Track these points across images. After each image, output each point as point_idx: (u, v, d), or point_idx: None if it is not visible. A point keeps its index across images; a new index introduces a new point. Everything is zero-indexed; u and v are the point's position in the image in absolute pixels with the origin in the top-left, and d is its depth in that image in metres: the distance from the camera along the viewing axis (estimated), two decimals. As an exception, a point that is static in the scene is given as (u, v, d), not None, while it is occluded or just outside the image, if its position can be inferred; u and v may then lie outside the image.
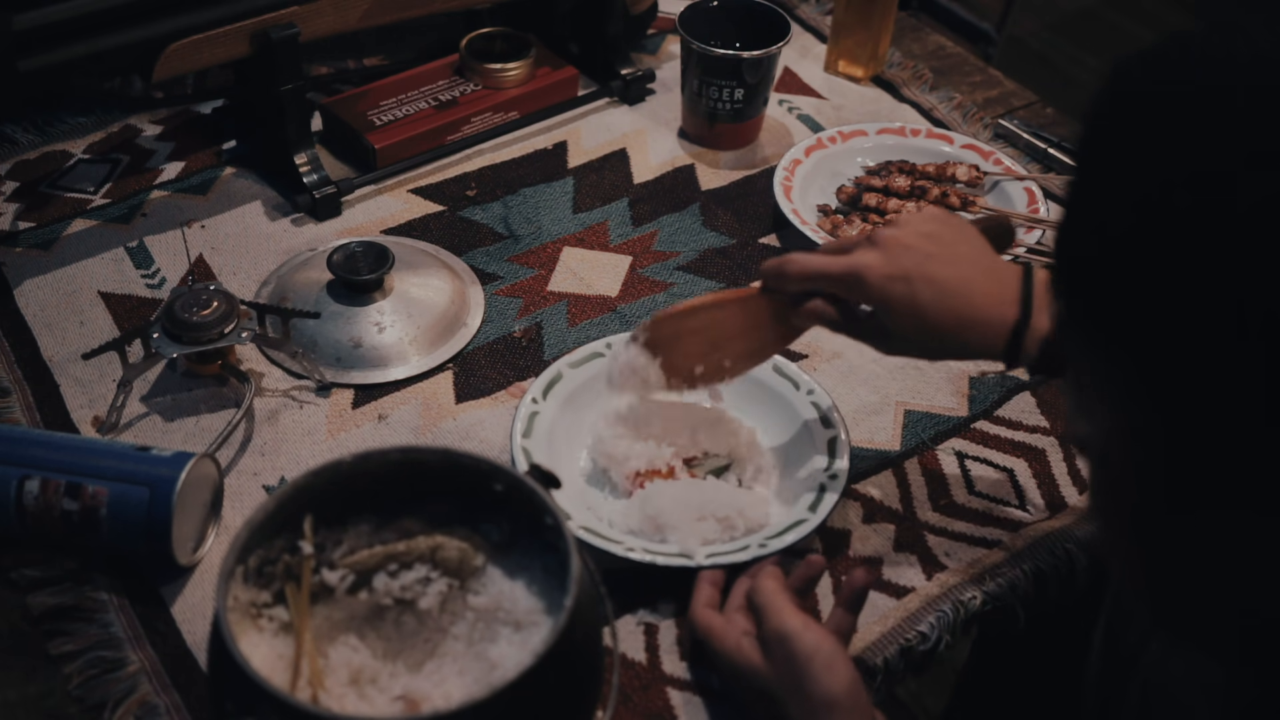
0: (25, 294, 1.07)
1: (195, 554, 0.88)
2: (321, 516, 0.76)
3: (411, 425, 0.99)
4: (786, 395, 0.98)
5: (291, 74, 1.11)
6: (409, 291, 1.06)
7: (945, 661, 0.88)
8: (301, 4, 1.10)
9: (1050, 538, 0.92)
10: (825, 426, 0.95)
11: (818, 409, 0.96)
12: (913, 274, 0.81)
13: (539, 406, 0.96)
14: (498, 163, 1.24)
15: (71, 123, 1.25)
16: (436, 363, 1.04)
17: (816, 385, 0.98)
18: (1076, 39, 2.98)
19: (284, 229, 1.15)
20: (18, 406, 0.98)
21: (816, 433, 0.95)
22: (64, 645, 0.83)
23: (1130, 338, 0.50)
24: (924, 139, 1.26)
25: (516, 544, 0.78)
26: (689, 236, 1.17)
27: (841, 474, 0.91)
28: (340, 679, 0.72)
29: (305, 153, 1.16)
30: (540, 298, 1.10)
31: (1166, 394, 0.49)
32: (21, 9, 0.98)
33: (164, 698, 0.80)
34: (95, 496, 0.84)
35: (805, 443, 0.95)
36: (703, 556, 0.85)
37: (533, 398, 0.96)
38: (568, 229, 1.17)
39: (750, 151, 1.28)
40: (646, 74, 1.33)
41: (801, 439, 0.95)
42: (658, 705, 0.82)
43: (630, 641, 0.85)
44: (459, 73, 1.29)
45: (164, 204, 1.17)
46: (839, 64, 1.38)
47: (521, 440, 0.92)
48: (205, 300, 0.97)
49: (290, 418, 0.99)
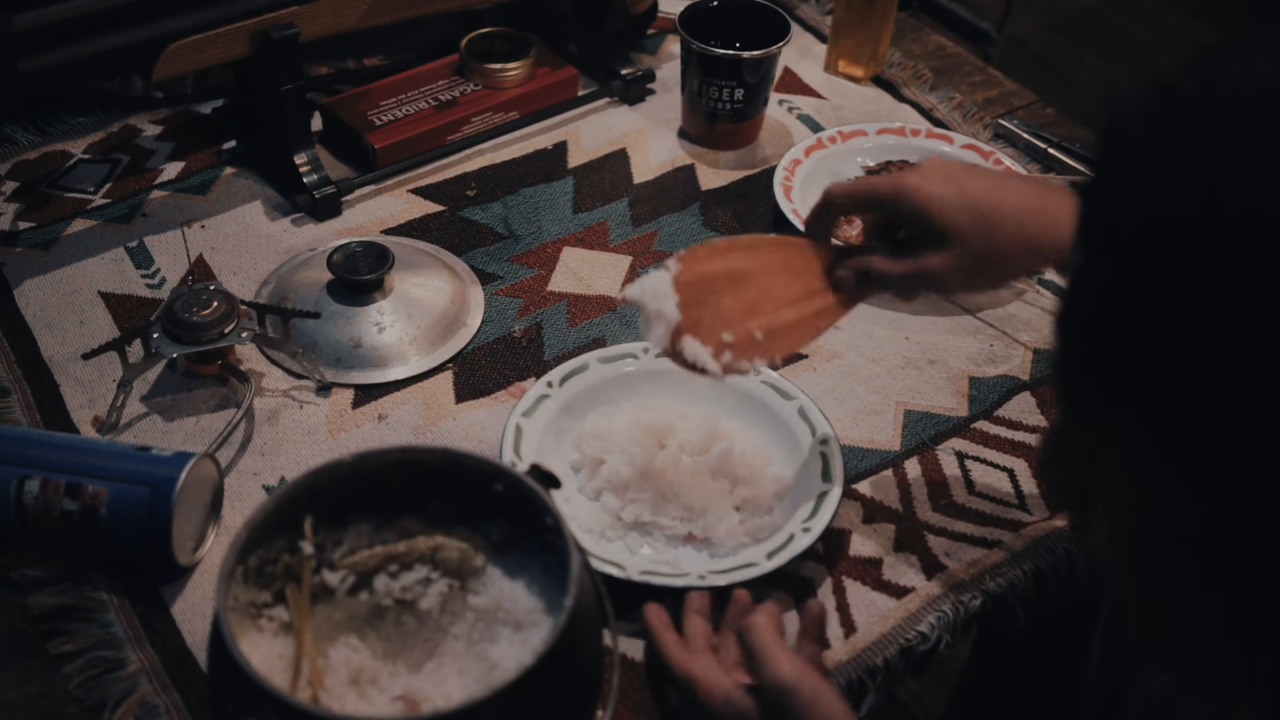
0: (25, 294, 1.07)
1: (195, 554, 0.88)
2: (321, 516, 0.76)
3: (411, 425, 0.99)
4: (786, 420, 0.97)
5: (291, 74, 1.11)
6: (409, 291, 1.06)
7: (945, 661, 0.88)
8: (301, 4, 1.10)
9: (1050, 538, 0.92)
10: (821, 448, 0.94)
11: (812, 432, 0.95)
12: (955, 174, 0.84)
13: (550, 391, 0.96)
14: (498, 163, 1.24)
15: (71, 123, 1.25)
16: (436, 363, 1.04)
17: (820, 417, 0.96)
18: (1076, 39, 2.97)
19: (284, 229, 1.15)
20: (18, 406, 0.98)
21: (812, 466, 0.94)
22: (64, 645, 0.83)
23: (1156, 415, 0.47)
24: (924, 139, 1.26)
25: (516, 544, 0.78)
26: (689, 236, 1.17)
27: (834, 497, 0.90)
28: (340, 679, 0.72)
29: (305, 153, 1.16)
30: (540, 298, 1.10)
31: (1196, 472, 0.46)
32: (21, 9, 0.98)
33: (164, 698, 0.80)
34: (95, 496, 0.84)
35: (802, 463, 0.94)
36: (697, 576, 0.85)
37: (548, 381, 0.97)
38: (568, 229, 1.17)
39: (750, 151, 1.28)
40: (646, 74, 1.33)
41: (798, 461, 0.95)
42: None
43: (630, 642, 0.85)
44: (459, 73, 1.29)
45: (164, 204, 1.17)
46: (839, 64, 1.38)
47: (520, 419, 0.94)
48: (205, 300, 0.97)
49: (290, 418, 0.99)
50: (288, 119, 1.14)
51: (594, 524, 0.90)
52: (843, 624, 0.87)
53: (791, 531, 0.88)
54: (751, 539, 0.89)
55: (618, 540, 0.90)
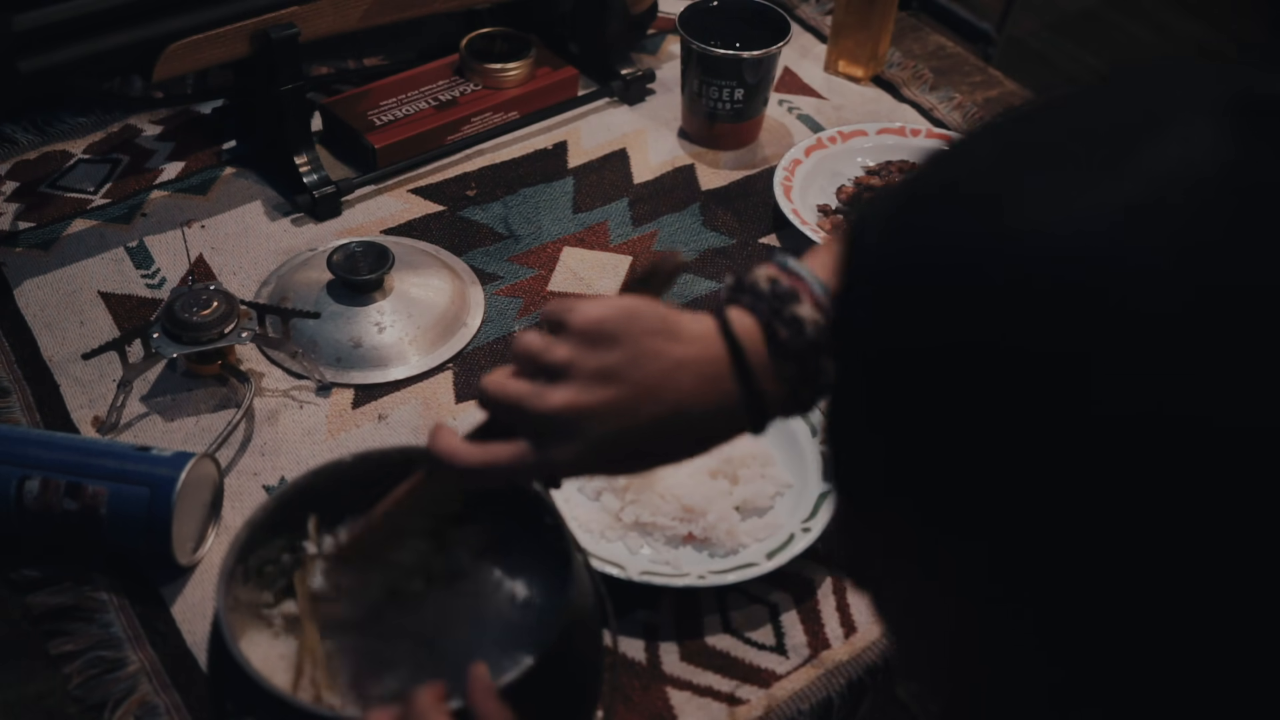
0: (25, 294, 1.07)
1: (195, 554, 0.88)
2: (322, 516, 0.76)
3: (411, 425, 0.99)
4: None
5: (291, 74, 1.11)
6: (409, 291, 1.06)
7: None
8: (301, 4, 1.10)
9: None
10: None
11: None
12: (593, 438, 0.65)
13: None
14: (498, 163, 1.24)
15: (71, 123, 1.25)
16: (436, 363, 1.04)
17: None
18: (1076, 39, 2.97)
19: (284, 229, 1.15)
20: (18, 406, 0.98)
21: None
22: (64, 645, 0.83)
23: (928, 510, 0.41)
24: (924, 139, 1.26)
25: (516, 544, 0.78)
26: (689, 236, 1.17)
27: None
28: (341, 679, 0.72)
29: (305, 153, 1.16)
30: (540, 298, 1.10)
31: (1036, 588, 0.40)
32: (21, 9, 0.98)
33: (164, 698, 0.80)
34: (95, 496, 0.84)
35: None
36: (696, 576, 0.85)
37: None
38: (568, 229, 1.17)
39: (750, 151, 1.28)
40: (646, 74, 1.33)
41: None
42: (658, 705, 0.82)
43: (630, 641, 0.85)
44: (459, 73, 1.29)
45: (164, 204, 1.17)
46: (839, 64, 1.38)
47: None
48: (205, 300, 0.97)
49: (290, 418, 0.99)
50: (288, 119, 1.14)
51: (594, 524, 0.90)
52: (843, 624, 0.87)
53: (791, 531, 0.88)
54: (751, 539, 0.89)
55: (618, 540, 0.90)
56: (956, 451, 0.40)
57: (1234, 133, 0.37)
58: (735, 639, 0.86)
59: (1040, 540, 0.38)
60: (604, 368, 0.64)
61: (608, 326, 0.64)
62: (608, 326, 0.64)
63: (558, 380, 0.64)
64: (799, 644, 0.86)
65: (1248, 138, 0.37)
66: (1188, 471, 0.35)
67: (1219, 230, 0.36)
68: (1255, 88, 0.38)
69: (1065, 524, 0.38)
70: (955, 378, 0.39)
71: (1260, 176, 0.37)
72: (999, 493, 0.39)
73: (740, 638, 0.86)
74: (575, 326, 0.65)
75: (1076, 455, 0.37)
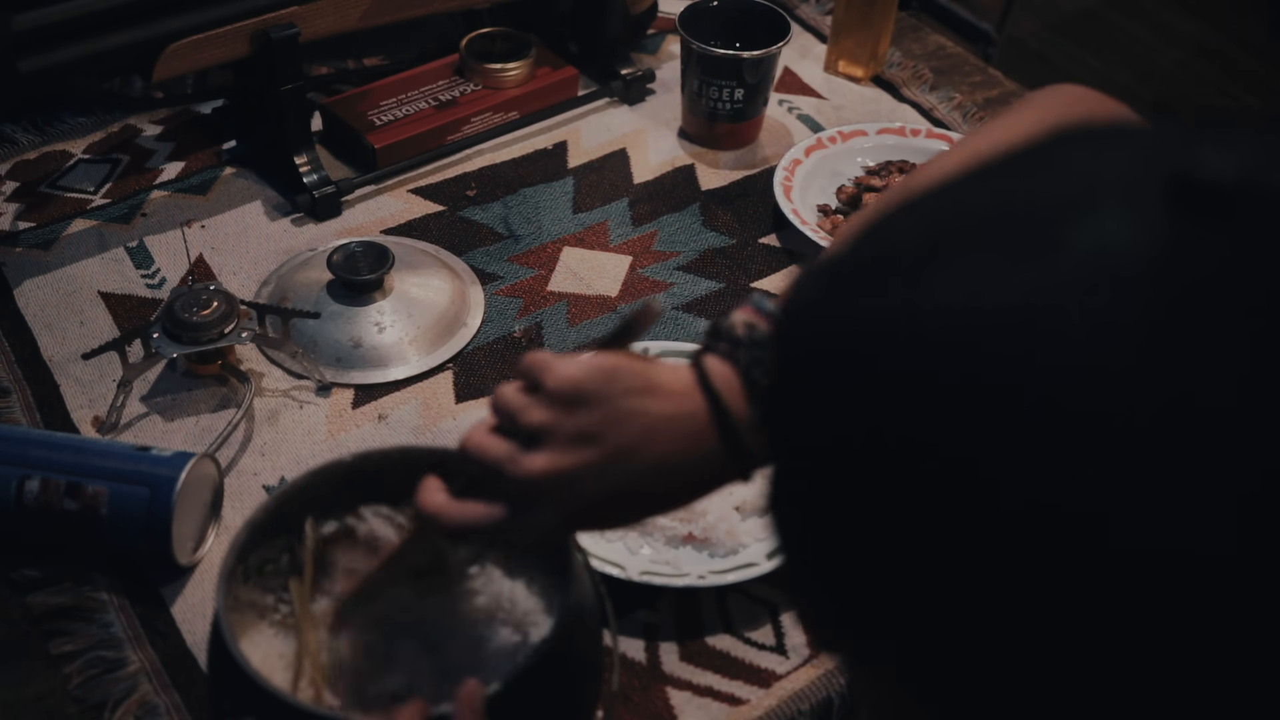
0: (25, 294, 1.07)
1: (195, 554, 0.88)
2: (322, 517, 0.76)
3: (411, 425, 0.99)
4: None
5: (291, 74, 1.11)
6: (409, 291, 1.06)
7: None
8: (301, 4, 1.10)
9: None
10: None
11: None
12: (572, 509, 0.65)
13: None
14: (498, 163, 1.24)
15: (71, 123, 1.25)
16: (436, 363, 1.04)
17: None
18: (1076, 39, 2.97)
19: (284, 229, 1.15)
20: (18, 406, 0.98)
21: None
22: (64, 645, 0.83)
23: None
24: (924, 139, 1.26)
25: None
26: (689, 236, 1.17)
27: None
28: (341, 679, 0.72)
29: (305, 153, 1.16)
30: (540, 298, 1.10)
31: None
32: (21, 9, 0.98)
33: (164, 698, 0.80)
34: (95, 496, 0.84)
35: None
36: (696, 576, 0.85)
37: None
38: (568, 229, 1.17)
39: (750, 151, 1.28)
40: (646, 74, 1.33)
41: None
42: (658, 705, 0.82)
43: (630, 641, 0.85)
44: (459, 73, 1.29)
45: (164, 204, 1.17)
46: (839, 64, 1.38)
47: None
48: (205, 300, 0.97)
49: (290, 418, 0.99)
50: (288, 119, 1.14)
51: (594, 524, 0.90)
52: (843, 624, 0.87)
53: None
54: (751, 539, 0.89)
55: (618, 540, 0.89)
56: (862, 548, 0.39)
57: (1168, 222, 0.35)
58: (735, 639, 0.86)
59: (943, 640, 0.37)
60: (582, 430, 0.63)
61: (586, 388, 0.64)
62: (586, 388, 0.64)
63: (536, 444, 0.64)
64: (799, 644, 0.86)
65: (1181, 230, 0.35)
66: (1086, 571, 0.34)
67: (1140, 334, 0.34)
68: (1194, 172, 0.35)
69: (967, 623, 0.36)
70: (860, 473, 0.38)
71: (1190, 275, 0.34)
72: (903, 589, 0.38)
73: (740, 638, 0.86)
74: (551, 389, 0.64)
75: (975, 554, 0.35)
